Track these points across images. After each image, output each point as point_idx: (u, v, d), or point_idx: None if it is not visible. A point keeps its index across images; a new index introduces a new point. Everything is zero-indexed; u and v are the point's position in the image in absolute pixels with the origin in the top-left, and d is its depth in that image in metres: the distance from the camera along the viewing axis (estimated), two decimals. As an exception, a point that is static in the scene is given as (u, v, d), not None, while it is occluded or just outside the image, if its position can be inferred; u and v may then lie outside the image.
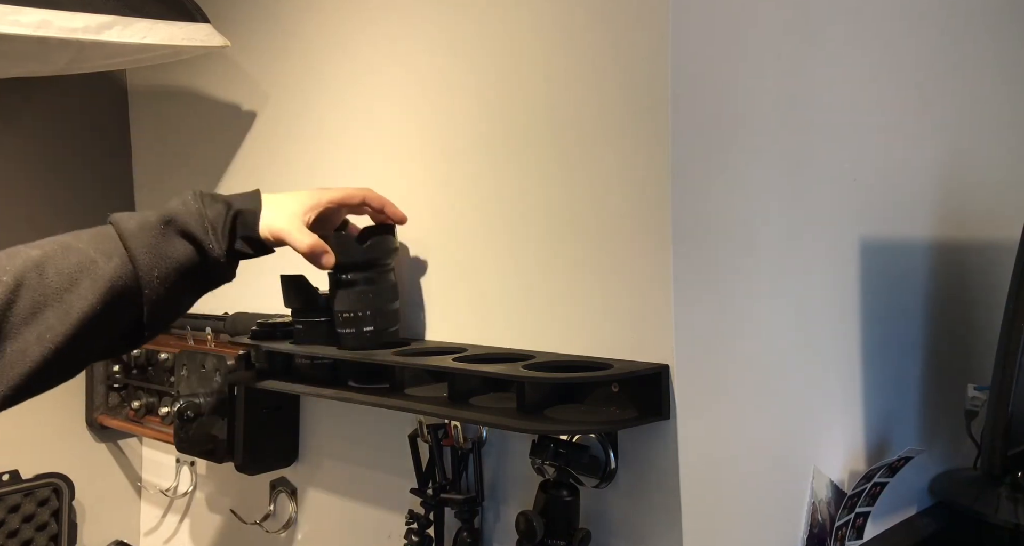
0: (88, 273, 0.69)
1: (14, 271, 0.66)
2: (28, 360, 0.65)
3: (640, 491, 0.78)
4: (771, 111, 0.85)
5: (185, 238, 0.76)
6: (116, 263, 0.71)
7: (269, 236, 0.81)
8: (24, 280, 0.66)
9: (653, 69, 0.73)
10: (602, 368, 0.73)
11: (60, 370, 0.69)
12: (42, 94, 1.40)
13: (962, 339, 1.20)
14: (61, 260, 0.69)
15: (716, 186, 0.78)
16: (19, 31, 0.93)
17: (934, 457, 1.15)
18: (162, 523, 1.51)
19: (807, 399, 0.92)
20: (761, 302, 0.84)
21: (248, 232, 0.80)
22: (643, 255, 0.74)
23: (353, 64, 1.05)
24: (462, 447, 0.92)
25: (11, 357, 0.64)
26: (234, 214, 0.79)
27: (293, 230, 0.81)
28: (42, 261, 0.68)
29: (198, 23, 1.09)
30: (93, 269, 0.69)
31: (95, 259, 0.70)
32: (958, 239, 1.18)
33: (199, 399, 1.20)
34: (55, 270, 0.68)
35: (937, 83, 1.14)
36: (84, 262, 0.69)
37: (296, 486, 1.22)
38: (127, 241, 0.73)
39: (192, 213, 0.77)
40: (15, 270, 0.66)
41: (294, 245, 0.81)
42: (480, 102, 0.89)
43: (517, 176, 0.85)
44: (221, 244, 0.77)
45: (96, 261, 0.70)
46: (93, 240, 0.72)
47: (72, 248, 0.70)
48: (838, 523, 0.93)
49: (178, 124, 1.40)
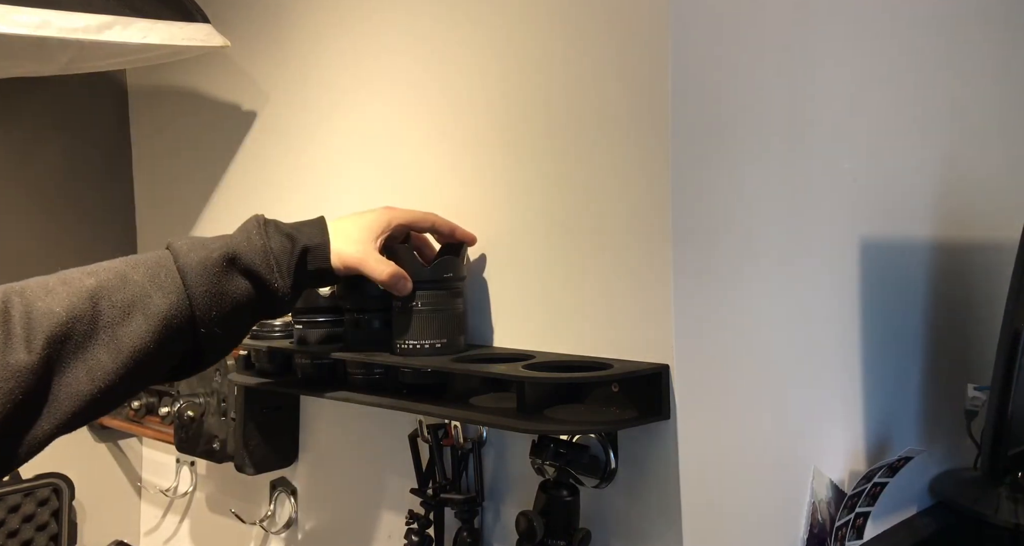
0: (142, 308, 0.65)
1: (68, 304, 0.62)
2: (78, 398, 0.62)
3: (640, 491, 0.78)
4: (771, 111, 0.85)
5: (248, 277, 0.72)
6: (172, 300, 0.67)
7: (341, 268, 0.78)
8: (77, 312, 0.62)
9: (653, 69, 0.73)
10: (602, 368, 0.73)
11: (107, 405, 0.65)
12: (42, 94, 1.40)
13: (962, 339, 1.20)
14: (116, 292, 0.65)
15: (716, 186, 0.78)
16: (19, 31, 0.93)
17: (934, 457, 1.15)
18: (162, 523, 1.50)
19: (807, 399, 0.92)
20: (761, 302, 0.84)
21: (319, 265, 0.76)
22: (643, 255, 0.74)
23: (353, 64, 1.05)
24: (462, 447, 0.92)
25: (60, 394, 0.61)
26: (302, 249, 0.75)
27: (369, 260, 0.78)
28: (96, 292, 0.64)
29: (198, 23, 1.09)
30: (148, 304, 0.66)
31: (150, 294, 0.66)
32: (958, 239, 1.18)
33: (199, 399, 1.20)
34: (109, 303, 0.64)
35: (937, 83, 1.14)
36: (139, 296, 0.66)
37: (296, 486, 1.22)
38: (187, 278, 0.68)
39: (256, 250, 0.72)
40: (69, 303, 0.62)
41: (372, 275, 0.79)
42: (480, 102, 0.89)
43: (517, 176, 0.85)
44: (286, 281, 0.74)
45: (151, 296, 0.66)
46: (150, 272, 0.68)
47: (128, 280, 0.66)
48: (838, 523, 0.93)
49: (178, 124, 1.40)
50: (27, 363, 0.59)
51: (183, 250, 0.71)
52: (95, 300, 0.64)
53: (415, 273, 0.81)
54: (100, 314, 0.63)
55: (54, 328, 0.61)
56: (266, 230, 0.74)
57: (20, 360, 0.58)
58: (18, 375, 0.58)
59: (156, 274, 0.68)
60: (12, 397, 0.58)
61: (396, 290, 0.80)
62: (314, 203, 1.12)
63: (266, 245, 0.73)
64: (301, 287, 0.76)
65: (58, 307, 0.62)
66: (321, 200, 1.11)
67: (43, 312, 0.61)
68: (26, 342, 0.59)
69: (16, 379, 0.58)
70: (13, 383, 0.58)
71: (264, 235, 0.74)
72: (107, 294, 0.65)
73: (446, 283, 0.83)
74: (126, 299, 0.65)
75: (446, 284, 0.83)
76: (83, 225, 1.46)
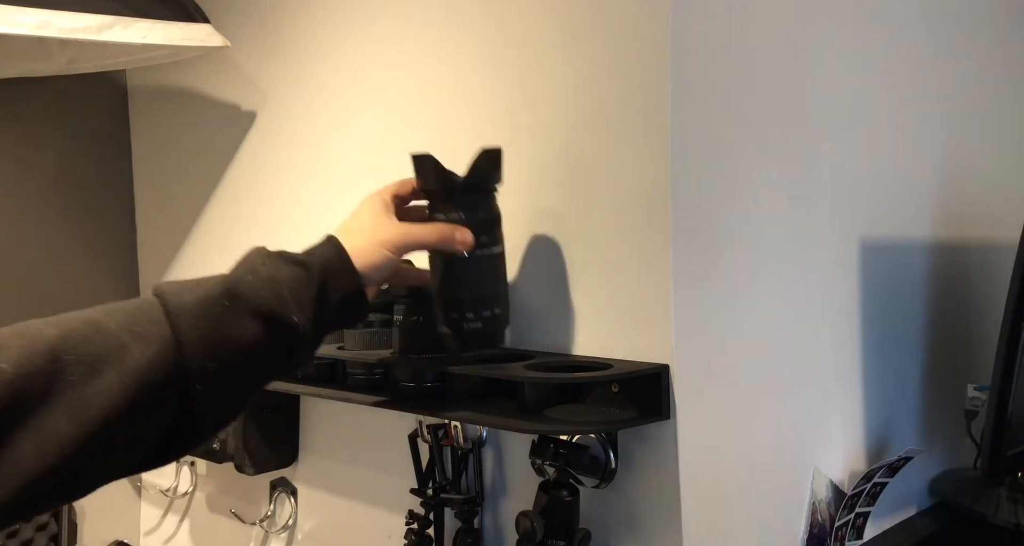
0: (116, 362, 0.52)
1: (19, 360, 0.50)
2: (22, 476, 0.48)
3: (640, 491, 0.78)
4: (772, 111, 0.85)
5: (256, 316, 0.59)
6: (156, 351, 0.54)
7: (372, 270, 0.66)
8: (30, 369, 0.50)
9: (653, 69, 0.73)
10: (602, 368, 0.73)
11: (68, 485, 0.52)
12: (42, 94, 1.40)
13: (962, 339, 1.20)
14: (84, 345, 0.52)
15: (716, 186, 0.78)
16: (19, 31, 0.93)
17: (934, 457, 1.15)
18: (162, 523, 1.50)
19: (807, 399, 0.92)
20: (761, 302, 0.84)
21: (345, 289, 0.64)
22: (643, 255, 0.74)
23: (353, 64, 1.05)
24: (462, 447, 0.92)
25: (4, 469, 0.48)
26: (320, 276, 0.62)
27: (401, 236, 0.68)
28: (58, 345, 0.51)
29: (198, 23, 1.09)
30: (123, 357, 0.53)
31: (127, 344, 0.53)
32: (958, 239, 1.18)
33: (199, 399, 1.20)
34: (74, 357, 0.51)
35: (937, 83, 1.14)
36: (113, 348, 0.53)
37: (296, 486, 1.22)
38: (177, 323, 0.56)
39: (263, 281, 0.60)
40: (20, 359, 0.50)
41: (422, 244, 0.69)
42: (480, 102, 0.89)
43: (517, 176, 0.85)
44: (305, 315, 0.61)
45: (128, 347, 0.53)
46: (129, 318, 0.55)
47: (101, 329, 0.54)
48: (838, 523, 0.93)
49: (178, 124, 1.40)
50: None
51: (172, 291, 0.58)
52: (55, 355, 0.51)
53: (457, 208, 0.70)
54: (60, 371, 0.51)
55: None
56: (272, 260, 0.62)
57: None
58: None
59: (136, 321, 0.55)
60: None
61: (455, 246, 0.70)
62: (313, 203, 1.12)
63: (274, 275, 0.61)
64: (325, 322, 0.63)
65: (5, 363, 0.49)
66: (321, 200, 1.11)
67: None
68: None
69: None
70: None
71: (271, 265, 0.61)
72: (72, 347, 0.52)
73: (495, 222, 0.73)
74: (95, 352, 0.52)
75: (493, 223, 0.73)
76: (83, 225, 1.46)
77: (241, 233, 1.26)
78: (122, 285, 1.50)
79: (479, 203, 0.72)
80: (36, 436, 0.49)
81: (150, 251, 1.48)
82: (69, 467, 0.50)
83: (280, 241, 1.05)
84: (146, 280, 1.50)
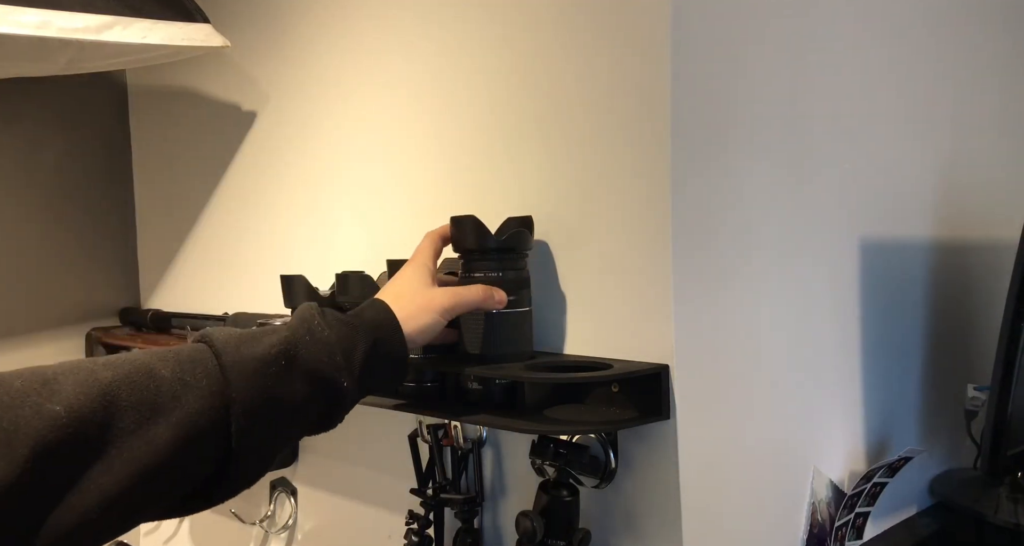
0: (167, 413, 0.51)
1: (72, 401, 0.48)
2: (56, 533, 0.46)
3: (640, 491, 0.78)
4: (771, 111, 0.85)
5: (309, 379, 0.59)
6: (206, 404, 0.53)
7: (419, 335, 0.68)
8: (84, 413, 0.48)
9: (653, 69, 0.73)
10: (602, 368, 0.73)
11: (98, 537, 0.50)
12: (42, 94, 1.40)
13: (962, 339, 1.20)
14: (136, 391, 0.51)
15: (716, 186, 0.78)
16: (19, 31, 0.93)
17: (934, 457, 1.15)
18: (162, 523, 1.50)
19: (807, 399, 0.92)
20: (761, 302, 0.84)
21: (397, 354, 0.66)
22: (643, 255, 0.74)
23: (353, 64, 1.05)
24: (462, 447, 0.92)
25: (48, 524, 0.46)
26: (370, 339, 0.63)
27: (451, 300, 0.71)
28: (112, 389, 0.50)
29: (198, 23, 1.09)
30: (176, 409, 0.52)
31: (180, 395, 0.52)
32: (958, 239, 1.18)
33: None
34: (127, 403, 0.50)
35: (937, 83, 1.14)
36: (168, 397, 0.52)
37: (296, 486, 1.22)
38: (231, 378, 0.55)
39: (320, 344, 0.60)
40: (74, 400, 0.48)
41: (471, 305, 0.73)
42: (481, 102, 0.89)
43: (517, 176, 0.85)
44: (352, 381, 0.61)
45: (181, 398, 0.52)
46: (181, 367, 0.54)
47: (154, 375, 0.52)
48: (838, 523, 0.93)
49: (178, 124, 1.40)
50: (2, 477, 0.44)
51: (227, 342, 0.57)
52: (109, 399, 0.49)
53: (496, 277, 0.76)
54: (113, 418, 0.49)
55: (47, 432, 0.46)
56: (327, 321, 0.62)
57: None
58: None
59: (190, 370, 0.54)
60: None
61: (495, 303, 0.74)
62: (313, 203, 1.12)
63: (330, 339, 0.60)
64: (367, 386, 0.64)
65: (59, 405, 0.47)
66: (321, 200, 1.11)
67: (34, 410, 0.46)
68: (6, 448, 0.44)
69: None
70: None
71: (327, 326, 0.61)
72: (126, 393, 0.50)
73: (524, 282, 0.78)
74: (149, 400, 0.51)
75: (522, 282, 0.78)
76: (83, 225, 1.46)
77: (241, 233, 1.26)
78: (122, 285, 1.50)
79: (515, 263, 0.78)
80: (82, 489, 0.47)
81: (150, 251, 1.49)
82: (106, 520, 0.49)
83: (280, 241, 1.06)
84: (146, 280, 1.50)
